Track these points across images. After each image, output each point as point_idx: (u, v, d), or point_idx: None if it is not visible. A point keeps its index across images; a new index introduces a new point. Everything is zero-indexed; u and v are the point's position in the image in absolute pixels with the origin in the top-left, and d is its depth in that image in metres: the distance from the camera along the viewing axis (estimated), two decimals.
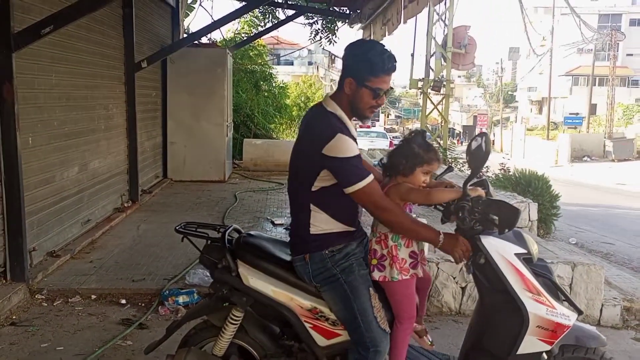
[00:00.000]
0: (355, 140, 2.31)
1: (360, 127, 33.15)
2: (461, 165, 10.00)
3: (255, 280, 2.39)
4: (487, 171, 9.13)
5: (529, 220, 6.17)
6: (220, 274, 2.43)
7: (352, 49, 2.31)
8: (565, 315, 2.28)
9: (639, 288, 4.83)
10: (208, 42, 11.98)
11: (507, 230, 2.25)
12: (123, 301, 4.26)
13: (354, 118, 2.41)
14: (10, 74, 3.97)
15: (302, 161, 2.32)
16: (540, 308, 2.25)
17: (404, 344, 2.36)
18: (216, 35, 13.60)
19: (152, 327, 3.84)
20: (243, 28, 14.52)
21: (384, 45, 2.31)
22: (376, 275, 2.35)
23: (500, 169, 9.03)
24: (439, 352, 2.77)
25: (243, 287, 2.40)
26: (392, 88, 2.38)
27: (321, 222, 2.31)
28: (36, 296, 4.23)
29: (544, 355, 2.33)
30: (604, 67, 34.08)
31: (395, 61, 2.29)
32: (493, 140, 46.23)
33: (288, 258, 2.43)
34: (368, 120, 2.53)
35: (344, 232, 2.34)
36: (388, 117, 63.78)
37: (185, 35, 10.53)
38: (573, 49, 33.72)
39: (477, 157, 2.30)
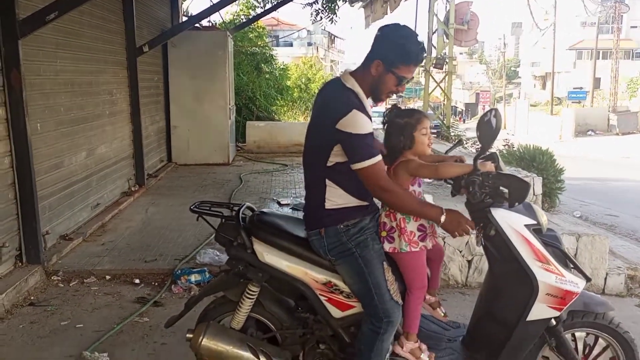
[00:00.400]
0: (370, 118, 2.33)
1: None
2: (465, 142, 10.03)
3: (270, 257, 2.45)
4: (491, 147, 9.15)
5: (534, 194, 6.20)
6: (235, 251, 2.49)
7: (388, 33, 2.31)
8: (573, 283, 2.35)
9: None
10: (208, 24, 11.94)
11: (517, 203, 2.29)
12: (137, 281, 4.36)
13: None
14: (17, 61, 4.01)
15: (317, 136, 2.35)
16: (549, 276, 2.32)
17: (416, 313, 2.43)
18: (215, 18, 13.52)
19: (166, 305, 3.95)
20: (242, 10, 14.43)
21: (417, 35, 2.32)
22: (386, 246, 2.42)
23: (504, 145, 9.05)
24: (450, 320, 2.85)
25: (258, 264, 2.46)
26: (412, 77, 2.41)
27: (336, 197, 2.35)
28: (52, 278, 4.34)
29: (553, 320, 2.41)
30: (608, 40, 33.71)
31: (424, 52, 2.34)
32: None
33: (301, 234, 2.49)
34: (381, 102, 2.54)
35: (358, 206, 2.38)
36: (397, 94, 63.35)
37: (184, 19, 10.50)
38: (576, 22, 33.31)
39: (488, 132, 2.33)
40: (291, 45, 44.45)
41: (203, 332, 2.51)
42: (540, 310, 2.34)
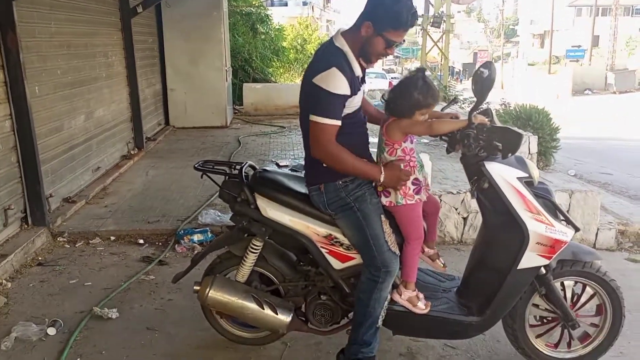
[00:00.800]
0: (358, 78, 2.35)
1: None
2: (461, 102, 10.01)
3: (273, 211, 2.54)
4: (485, 101, 9.14)
5: (529, 153, 6.28)
6: (239, 207, 2.57)
7: (386, 2, 2.26)
8: (562, 232, 2.45)
9: (634, 213, 5.02)
10: None
11: (510, 154, 2.38)
12: (141, 241, 4.47)
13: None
14: (13, 23, 3.98)
15: (306, 93, 2.37)
16: (539, 226, 2.42)
17: (413, 262, 2.54)
18: None
19: (171, 263, 4.06)
20: None
21: (410, 1, 2.30)
22: (383, 200, 2.49)
23: (501, 104, 9.06)
24: (445, 273, 2.97)
25: (262, 218, 2.55)
26: (404, 41, 2.40)
27: None
28: (58, 239, 4.44)
29: (543, 269, 2.52)
30: None
31: (417, 18, 2.32)
32: None
33: (302, 190, 2.56)
34: (370, 64, 2.53)
35: None
36: (386, 57, 62.54)
37: None
38: None
39: (482, 85, 2.35)
40: (286, 4, 43.51)
41: (210, 284, 2.62)
42: (531, 259, 2.45)
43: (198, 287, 2.67)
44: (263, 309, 2.60)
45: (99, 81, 6.21)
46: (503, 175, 2.43)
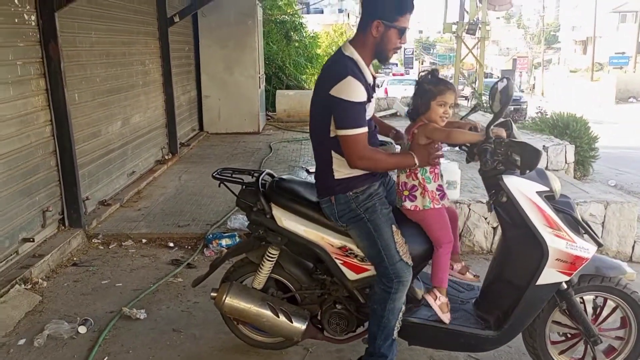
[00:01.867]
0: (370, 86, 2.37)
1: (394, 75, 32.50)
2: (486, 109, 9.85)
3: (288, 222, 2.55)
4: (525, 114, 8.99)
5: (566, 162, 6.13)
6: (255, 216, 2.60)
7: None
8: (584, 249, 2.37)
9: None
10: None
11: (527, 171, 2.33)
12: (171, 244, 4.58)
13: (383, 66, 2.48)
14: (55, 33, 4.17)
15: (318, 107, 2.38)
16: (560, 242, 2.35)
17: (445, 267, 2.52)
18: None
19: (199, 267, 4.14)
20: None
21: None
22: (408, 204, 2.50)
23: (537, 112, 8.85)
24: (464, 282, 2.90)
25: (277, 228, 2.56)
26: (409, 28, 2.43)
27: (343, 167, 2.40)
28: (92, 240, 4.60)
29: (564, 284, 2.45)
30: None
31: None
32: (533, 85, 44.67)
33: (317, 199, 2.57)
34: (387, 62, 2.59)
35: (365, 175, 2.44)
36: (422, 64, 62.05)
37: None
38: None
39: (500, 99, 2.36)
40: (322, 12, 43.80)
41: (226, 291, 2.66)
42: (550, 275, 2.37)
43: (215, 294, 2.71)
44: (278, 317, 2.62)
45: (135, 88, 6.42)
46: (522, 189, 2.37)
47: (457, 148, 2.71)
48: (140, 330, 3.19)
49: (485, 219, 4.35)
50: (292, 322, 2.62)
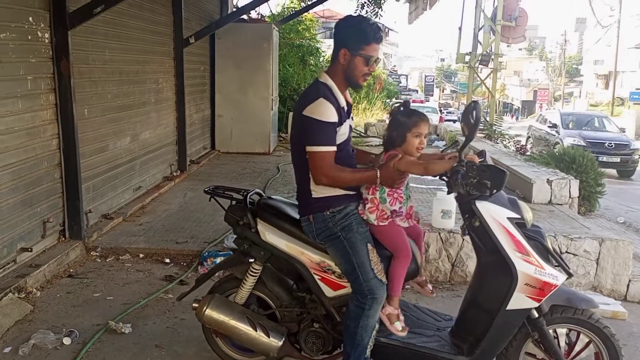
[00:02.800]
0: (344, 110, 2.50)
1: (414, 101, 32.57)
2: (507, 141, 9.82)
3: (272, 236, 2.67)
4: (532, 147, 8.95)
5: (570, 197, 6.07)
6: (241, 230, 2.72)
7: (344, 22, 2.53)
8: (553, 275, 2.43)
9: None
10: (257, 17, 12.21)
11: (495, 191, 2.42)
12: (167, 260, 4.65)
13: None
14: (67, 51, 4.34)
15: (296, 129, 2.54)
16: (529, 267, 2.42)
17: (399, 277, 2.58)
18: (265, 10, 13.81)
19: (191, 284, 4.10)
20: (292, 2, 14.64)
21: (370, 19, 2.61)
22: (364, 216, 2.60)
23: (545, 145, 8.81)
24: (442, 312, 2.96)
25: (261, 242, 2.69)
26: (378, 58, 2.57)
27: (321, 188, 2.52)
28: (91, 253, 4.69)
29: (535, 312, 2.49)
30: None
31: (382, 32, 2.52)
32: None
33: None
34: (360, 88, 2.72)
35: (343, 195, 2.56)
36: (443, 91, 62.27)
37: (234, 10, 10.78)
38: None
39: (470, 124, 2.46)
40: None
41: (207, 303, 2.74)
42: (520, 300, 2.43)
43: (196, 305, 2.79)
44: (256, 330, 2.69)
45: (147, 106, 6.58)
46: (493, 214, 2.47)
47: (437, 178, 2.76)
48: (123, 345, 3.23)
49: None
50: (268, 337, 2.68)
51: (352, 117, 2.67)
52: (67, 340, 3.18)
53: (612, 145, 12.66)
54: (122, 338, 3.30)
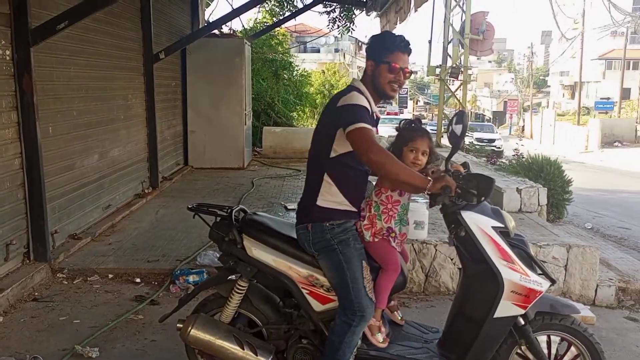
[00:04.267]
0: (373, 117, 2.52)
1: (388, 113, 32.94)
2: (477, 151, 9.97)
3: (258, 252, 2.65)
4: (501, 157, 9.13)
5: (539, 204, 6.19)
6: (226, 246, 2.69)
7: (373, 39, 2.64)
8: (537, 282, 2.47)
9: None
10: (229, 32, 12.21)
11: (483, 198, 2.43)
12: (138, 280, 4.53)
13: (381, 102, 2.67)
14: (29, 67, 4.24)
15: (323, 127, 2.55)
16: (514, 275, 2.45)
17: (385, 289, 2.59)
18: (237, 25, 13.80)
19: (162, 304, 4.09)
20: (264, 17, 14.69)
21: (395, 33, 2.65)
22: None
23: (514, 155, 8.99)
24: (430, 326, 2.97)
25: (247, 258, 2.66)
26: (412, 71, 2.64)
27: (330, 195, 2.53)
28: (57, 275, 4.55)
29: (520, 319, 2.52)
30: (638, 50, 32.93)
31: (409, 44, 2.58)
32: (523, 127, 45.43)
33: (287, 233, 2.67)
34: (391, 99, 2.78)
35: (346, 210, 2.57)
36: (417, 103, 63.13)
37: (205, 25, 10.75)
38: (606, 32, 32.58)
39: (456, 134, 2.53)
40: (318, 51, 44.70)
41: (192, 323, 2.67)
42: (506, 308, 2.46)
43: (181, 325, 2.72)
44: (243, 349, 2.63)
45: (116, 122, 6.47)
46: (478, 223, 2.50)
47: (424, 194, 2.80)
48: None
49: (452, 259, 4.36)
50: (257, 355, 2.63)
51: (377, 130, 2.66)
52: None
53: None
54: None
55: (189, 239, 5.47)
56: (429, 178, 2.37)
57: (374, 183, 2.72)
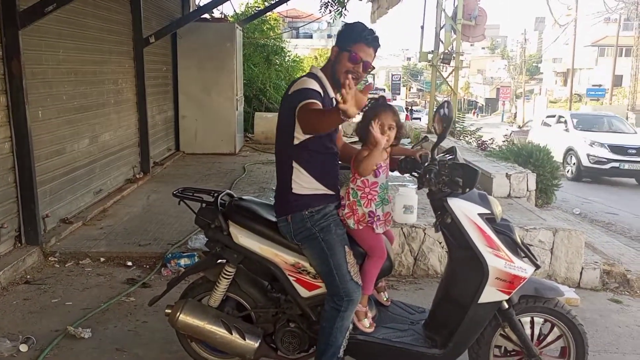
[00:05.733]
0: (330, 99, 2.53)
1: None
2: (469, 137, 10.03)
3: (244, 239, 2.64)
4: (492, 142, 9.19)
5: (527, 190, 6.25)
6: (213, 233, 2.67)
7: (344, 26, 2.65)
8: (522, 268, 2.50)
9: (625, 254, 4.94)
10: (220, 16, 12.11)
11: (468, 189, 2.47)
12: (129, 263, 4.56)
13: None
14: (18, 51, 4.21)
15: (283, 116, 2.53)
16: (499, 262, 2.48)
17: (370, 276, 2.62)
18: (229, 10, 13.70)
19: (154, 286, 4.13)
20: (256, 2, 14.56)
21: (366, 25, 2.58)
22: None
23: (504, 141, 9.05)
24: (415, 305, 3.01)
25: (233, 245, 2.65)
26: (374, 67, 2.60)
27: (303, 182, 2.53)
28: (49, 258, 4.57)
29: (505, 303, 2.56)
30: (631, 37, 33.00)
31: (377, 39, 2.55)
32: (515, 114, 45.56)
33: (274, 219, 2.65)
34: (340, 86, 2.62)
35: (323, 194, 2.56)
36: (410, 90, 63.02)
37: (195, 9, 10.65)
38: (599, 18, 32.58)
39: (443, 123, 2.54)
40: (311, 37, 44.41)
41: (180, 308, 2.69)
42: (491, 293, 2.49)
43: (169, 311, 2.73)
44: (231, 333, 2.65)
45: (106, 107, 6.44)
46: (464, 211, 2.52)
47: (408, 176, 2.82)
48: (82, 350, 3.16)
49: (440, 243, 4.42)
50: (245, 340, 2.65)
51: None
52: (23, 347, 3.09)
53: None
54: (82, 343, 3.23)
55: (180, 223, 5.49)
56: (340, 109, 2.12)
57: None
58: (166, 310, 2.75)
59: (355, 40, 2.50)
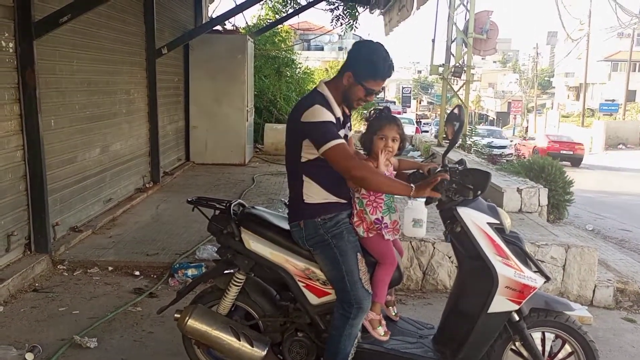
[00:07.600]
0: (339, 120, 2.52)
1: (392, 113, 32.85)
2: (479, 150, 9.96)
3: (256, 244, 2.68)
4: (502, 157, 9.13)
5: (539, 205, 6.19)
6: (225, 239, 2.72)
7: (361, 49, 2.56)
8: (532, 278, 2.49)
9: (639, 272, 4.84)
10: (232, 28, 12.21)
11: (479, 192, 2.48)
12: (137, 273, 4.56)
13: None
14: (32, 60, 4.26)
15: (291, 135, 2.57)
16: (508, 270, 2.47)
17: (383, 284, 2.63)
18: (241, 22, 13.82)
19: (161, 297, 4.12)
20: (267, 14, 14.69)
21: (387, 51, 2.53)
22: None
23: (515, 155, 8.97)
24: (425, 322, 2.99)
25: (245, 251, 2.69)
26: (383, 88, 2.63)
27: (314, 193, 2.55)
28: (58, 266, 4.58)
29: (515, 315, 2.54)
30: None
31: (393, 69, 2.56)
32: (526, 127, 45.35)
33: (285, 226, 2.69)
34: (353, 110, 2.71)
35: (335, 203, 2.59)
36: (420, 103, 63.02)
37: (208, 21, 10.76)
38: (612, 33, 32.43)
39: (454, 128, 2.53)
40: (322, 49, 44.71)
41: (190, 313, 2.70)
42: (501, 303, 2.47)
43: (178, 315, 2.75)
44: (239, 340, 2.66)
45: (118, 116, 6.50)
46: (474, 219, 2.52)
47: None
48: (87, 359, 3.15)
49: (449, 257, 4.37)
50: (252, 347, 2.65)
51: (349, 127, 2.70)
52: (29, 356, 3.08)
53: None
54: (87, 353, 3.22)
55: (188, 233, 5.50)
56: (411, 185, 2.39)
57: None
58: (175, 315, 2.77)
59: (374, 78, 2.50)
